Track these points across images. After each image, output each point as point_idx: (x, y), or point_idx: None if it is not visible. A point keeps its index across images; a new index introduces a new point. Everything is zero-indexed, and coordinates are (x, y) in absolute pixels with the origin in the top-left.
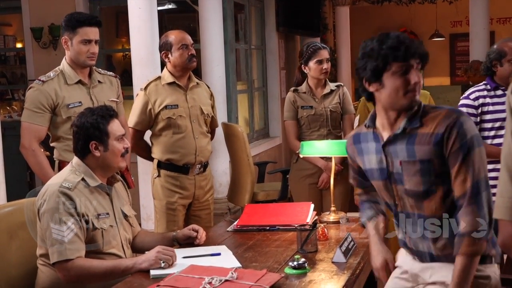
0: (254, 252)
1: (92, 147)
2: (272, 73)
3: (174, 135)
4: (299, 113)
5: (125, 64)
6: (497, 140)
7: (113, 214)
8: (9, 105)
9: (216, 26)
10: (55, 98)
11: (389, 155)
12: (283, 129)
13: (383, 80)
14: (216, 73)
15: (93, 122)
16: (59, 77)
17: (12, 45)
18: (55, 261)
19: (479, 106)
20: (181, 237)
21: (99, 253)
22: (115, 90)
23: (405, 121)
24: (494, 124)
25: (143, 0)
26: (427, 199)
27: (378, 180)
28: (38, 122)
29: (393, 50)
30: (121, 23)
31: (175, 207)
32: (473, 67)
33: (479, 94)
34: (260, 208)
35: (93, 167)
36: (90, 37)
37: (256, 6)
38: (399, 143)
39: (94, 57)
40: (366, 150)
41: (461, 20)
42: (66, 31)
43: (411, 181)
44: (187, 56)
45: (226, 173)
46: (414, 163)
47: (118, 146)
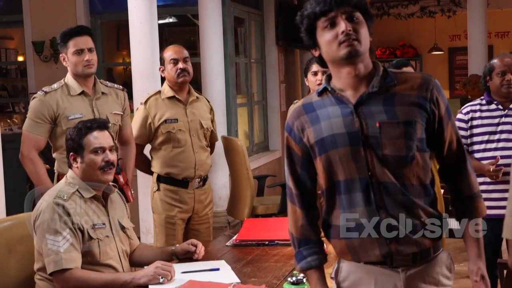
0: (253, 267)
1: (71, 159)
2: (271, 86)
3: (174, 149)
4: None
5: (125, 77)
6: (486, 154)
7: (109, 225)
8: (10, 118)
9: (216, 40)
10: (56, 109)
11: (362, 117)
12: (282, 142)
13: (318, 42)
14: (216, 86)
15: (72, 133)
16: (62, 88)
17: (14, 59)
18: (51, 271)
19: (469, 120)
20: (180, 252)
21: (96, 264)
22: (120, 103)
23: (378, 79)
24: (483, 137)
25: (144, 14)
26: (407, 165)
27: (344, 146)
28: (38, 132)
29: (314, 7)
30: (122, 36)
31: (174, 221)
32: (471, 81)
33: (471, 108)
34: (259, 223)
35: (83, 179)
36: (81, 47)
37: (256, 20)
38: (374, 103)
39: (91, 65)
40: (325, 115)
41: (459, 34)
42: (61, 47)
43: (393, 145)
44: (176, 71)
45: (225, 187)
46: (397, 125)
47: (95, 159)
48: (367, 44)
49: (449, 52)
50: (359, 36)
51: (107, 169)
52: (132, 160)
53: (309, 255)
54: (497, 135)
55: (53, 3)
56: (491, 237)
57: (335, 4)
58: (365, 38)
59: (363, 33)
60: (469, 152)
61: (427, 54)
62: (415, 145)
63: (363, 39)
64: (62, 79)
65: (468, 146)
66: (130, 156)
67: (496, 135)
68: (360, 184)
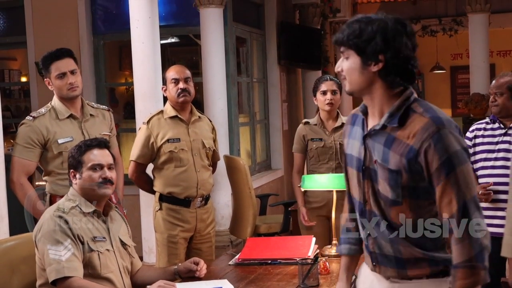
0: (255, 286)
1: (71, 175)
2: (274, 105)
3: (176, 168)
4: (309, 145)
5: (128, 97)
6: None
7: (109, 239)
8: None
9: (218, 59)
10: (46, 134)
11: (368, 148)
12: (285, 161)
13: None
14: (218, 105)
15: (73, 151)
16: (50, 112)
17: (17, 79)
18: (53, 279)
19: (473, 138)
20: (183, 270)
21: (96, 277)
22: (108, 124)
23: (386, 116)
24: (481, 155)
25: (147, 35)
26: (393, 207)
27: (354, 169)
28: (27, 157)
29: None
30: (124, 57)
31: (176, 240)
32: (473, 100)
33: (477, 127)
34: (261, 242)
35: (82, 196)
36: (62, 70)
37: (257, 39)
38: (378, 140)
39: (75, 87)
40: (354, 134)
41: (461, 52)
42: (44, 72)
43: (383, 184)
44: (176, 91)
45: (228, 206)
46: (387, 170)
47: (92, 175)
48: (355, 81)
49: (451, 71)
50: (346, 75)
51: (105, 185)
52: (121, 179)
53: (344, 243)
54: (495, 154)
55: (56, 24)
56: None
57: (335, 43)
58: (350, 76)
59: (348, 71)
60: (474, 170)
61: (429, 73)
62: (400, 192)
63: (348, 77)
64: (49, 103)
65: (473, 163)
66: (119, 175)
67: (494, 153)
68: (358, 207)
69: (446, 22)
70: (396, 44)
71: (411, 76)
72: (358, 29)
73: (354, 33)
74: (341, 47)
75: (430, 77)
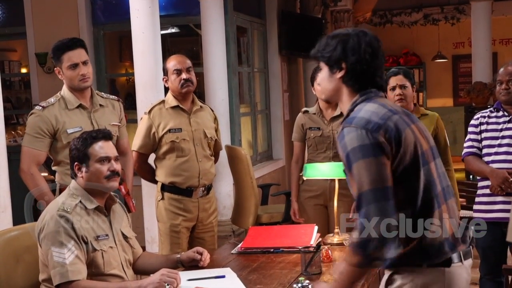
0: (258, 275)
1: (75, 168)
2: (275, 95)
3: (178, 158)
4: (307, 134)
5: (128, 88)
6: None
7: (112, 235)
8: (14, 130)
9: (219, 50)
10: (55, 123)
11: None
12: (286, 151)
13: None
14: (219, 96)
15: (77, 143)
16: (59, 102)
17: (17, 70)
18: (57, 283)
19: (478, 125)
20: (186, 259)
21: (100, 274)
22: (117, 114)
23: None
24: (485, 142)
25: (147, 25)
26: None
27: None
28: (37, 147)
29: None
30: (125, 47)
31: (178, 229)
32: (476, 89)
33: (482, 115)
34: (264, 231)
35: (87, 190)
36: (74, 61)
37: (258, 29)
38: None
39: (86, 79)
40: None
41: (463, 41)
42: (55, 61)
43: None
44: (179, 82)
45: (230, 196)
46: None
47: (100, 168)
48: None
49: (453, 60)
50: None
51: (112, 178)
52: (131, 170)
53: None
54: (499, 140)
55: (55, 14)
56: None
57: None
58: (322, 84)
59: (321, 80)
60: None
61: (430, 62)
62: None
63: (321, 86)
64: (58, 93)
65: (480, 150)
66: (129, 166)
67: (498, 140)
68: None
69: (448, 10)
70: (354, 52)
71: (371, 80)
72: (325, 43)
73: (321, 47)
74: (315, 61)
75: (431, 66)
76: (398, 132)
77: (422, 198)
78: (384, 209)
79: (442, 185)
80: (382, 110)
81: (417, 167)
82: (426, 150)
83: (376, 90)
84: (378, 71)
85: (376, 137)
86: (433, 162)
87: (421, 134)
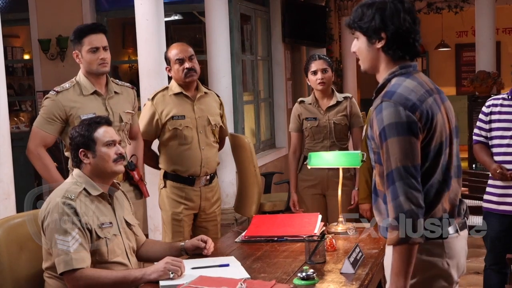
0: (262, 263)
1: (81, 155)
2: (278, 83)
3: (180, 146)
4: (304, 125)
5: (131, 75)
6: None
7: (116, 223)
8: (17, 116)
9: (222, 37)
10: (69, 109)
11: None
12: (289, 139)
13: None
14: (223, 84)
15: (80, 130)
16: (74, 87)
17: (20, 57)
18: (62, 271)
19: (489, 114)
20: (190, 247)
21: (104, 262)
22: (131, 102)
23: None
24: (497, 132)
25: (151, 12)
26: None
27: None
28: (47, 129)
29: None
30: (128, 34)
31: (180, 218)
32: (479, 77)
33: (493, 102)
34: (267, 219)
35: (91, 176)
36: (96, 45)
37: (262, 17)
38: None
39: (105, 63)
40: None
41: (466, 30)
42: (75, 44)
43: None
44: (182, 71)
45: (233, 184)
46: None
47: (108, 152)
48: (365, 58)
49: (456, 49)
50: (358, 54)
51: (119, 161)
52: (141, 156)
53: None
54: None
55: (59, 1)
56: (501, 232)
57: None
58: (361, 54)
59: (359, 50)
60: (490, 146)
61: (433, 50)
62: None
63: (360, 56)
64: (74, 78)
65: (488, 140)
66: (140, 151)
67: (510, 131)
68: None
69: None
70: (394, 21)
71: (412, 48)
72: (361, 13)
73: (357, 17)
74: (351, 30)
75: (434, 55)
76: (431, 118)
77: (437, 178)
78: (413, 186)
79: (455, 164)
80: (420, 90)
81: (439, 153)
82: (449, 133)
83: (415, 64)
84: (417, 38)
85: (413, 116)
86: (453, 144)
87: (447, 116)
